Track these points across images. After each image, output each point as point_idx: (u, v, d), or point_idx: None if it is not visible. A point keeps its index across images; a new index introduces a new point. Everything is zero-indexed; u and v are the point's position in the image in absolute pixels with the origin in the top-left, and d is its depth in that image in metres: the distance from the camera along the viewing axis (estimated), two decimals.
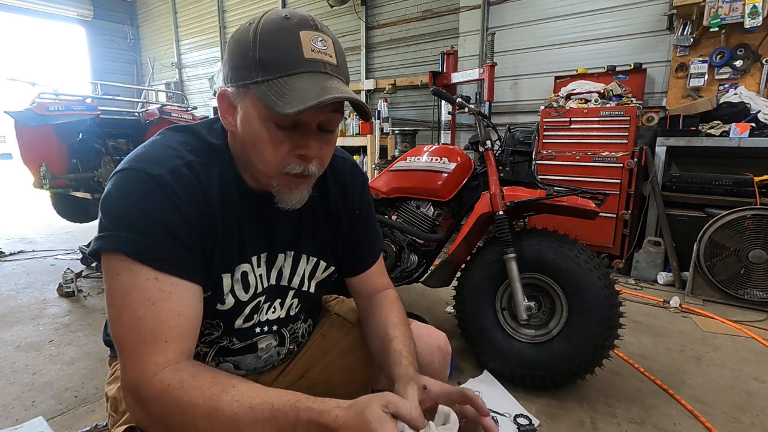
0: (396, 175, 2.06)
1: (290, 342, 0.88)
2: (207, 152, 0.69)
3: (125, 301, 0.59)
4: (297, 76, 0.60)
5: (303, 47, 0.60)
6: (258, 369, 0.86)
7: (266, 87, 0.59)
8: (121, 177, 0.62)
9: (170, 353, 0.59)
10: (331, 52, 0.62)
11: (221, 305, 0.72)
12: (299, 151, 0.64)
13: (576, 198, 1.63)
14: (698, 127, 2.87)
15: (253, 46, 0.60)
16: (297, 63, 0.60)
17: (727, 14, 2.81)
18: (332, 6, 5.21)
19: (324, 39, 0.62)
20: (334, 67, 0.62)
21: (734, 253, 2.50)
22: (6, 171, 12.40)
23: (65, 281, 2.69)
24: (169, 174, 0.62)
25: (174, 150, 0.66)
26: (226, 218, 0.68)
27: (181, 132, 0.71)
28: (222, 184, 0.68)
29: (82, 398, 1.64)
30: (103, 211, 0.61)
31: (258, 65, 0.60)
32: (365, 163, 4.65)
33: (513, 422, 1.50)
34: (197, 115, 4.42)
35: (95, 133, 3.52)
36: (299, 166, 0.65)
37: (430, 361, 0.85)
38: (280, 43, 0.60)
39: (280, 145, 0.63)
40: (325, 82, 0.60)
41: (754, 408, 1.61)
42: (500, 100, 4.19)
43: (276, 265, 0.78)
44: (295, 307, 0.84)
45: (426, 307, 2.55)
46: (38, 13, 7.66)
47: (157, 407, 0.57)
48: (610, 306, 1.54)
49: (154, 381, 0.57)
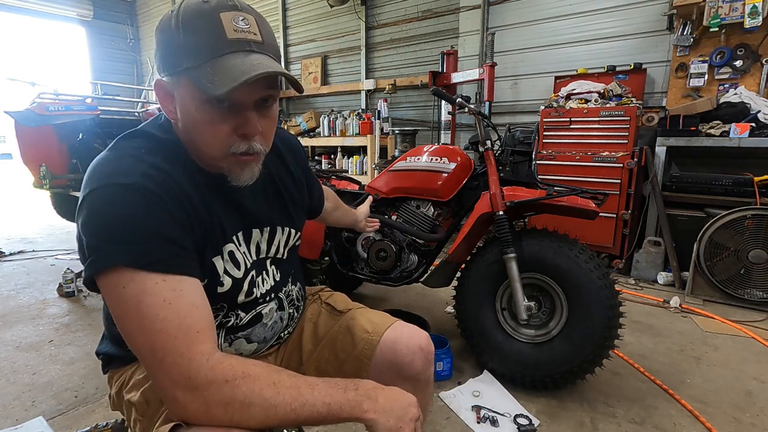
0: (396, 175, 2.06)
1: (288, 305, 0.91)
2: (163, 150, 0.69)
3: (140, 309, 0.58)
4: (224, 57, 0.61)
5: (225, 28, 0.61)
6: (267, 339, 0.88)
7: (196, 72, 0.61)
8: (95, 196, 0.60)
9: (208, 342, 0.61)
10: (255, 29, 0.64)
11: (221, 287, 0.74)
12: (240, 130, 0.66)
13: (576, 198, 1.63)
14: (698, 127, 2.87)
15: (177, 34, 0.61)
16: (221, 45, 0.61)
17: (727, 14, 2.81)
18: (332, 6, 5.21)
19: (245, 18, 0.63)
20: (259, 45, 0.64)
21: (734, 253, 2.50)
22: (6, 171, 12.40)
23: (65, 281, 2.69)
24: (141, 178, 0.61)
25: (134, 157, 0.65)
26: (204, 205, 0.69)
27: (131, 138, 0.71)
28: (188, 175, 0.69)
29: (82, 398, 1.64)
30: (88, 234, 0.60)
31: (185, 51, 0.61)
32: (365, 163, 4.65)
33: (513, 422, 1.50)
34: None
35: (95, 133, 3.51)
36: (243, 144, 0.67)
37: (411, 361, 0.86)
38: (203, 27, 0.61)
39: (219, 126, 0.65)
40: (253, 59, 0.62)
41: (754, 408, 1.61)
42: (500, 100, 4.19)
43: (253, 240, 0.81)
44: (276, 273, 0.88)
45: (426, 307, 2.55)
46: (38, 13, 7.65)
47: (221, 386, 0.58)
48: (610, 306, 1.55)
49: (212, 364, 0.59)
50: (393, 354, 0.86)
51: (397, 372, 0.86)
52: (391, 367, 0.86)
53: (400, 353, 0.86)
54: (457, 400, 1.63)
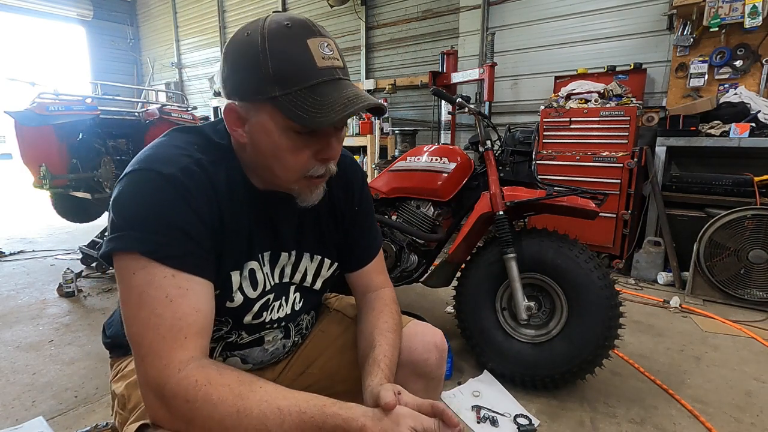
0: (396, 175, 2.06)
1: (295, 334, 0.89)
2: (214, 151, 0.69)
3: (142, 299, 0.59)
4: (316, 87, 0.61)
5: (315, 56, 0.61)
6: (264, 362, 0.87)
7: (286, 100, 0.60)
8: (133, 177, 0.62)
9: (191, 350, 0.59)
10: (337, 55, 0.64)
11: (230, 302, 0.73)
12: (322, 155, 0.66)
13: (576, 198, 1.63)
14: (698, 127, 2.87)
15: (264, 60, 0.59)
16: (313, 74, 0.61)
17: (727, 14, 2.81)
18: (332, 6, 5.21)
19: (329, 44, 0.63)
20: (343, 71, 0.64)
21: (734, 253, 2.50)
22: (6, 171, 12.39)
23: (65, 281, 2.69)
24: (180, 172, 0.62)
25: (182, 149, 0.66)
26: (235, 215, 0.69)
27: (187, 132, 0.72)
28: (230, 182, 0.69)
29: (82, 398, 1.64)
30: (115, 211, 0.61)
31: (273, 79, 0.60)
32: (365, 163, 4.65)
33: (513, 422, 1.50)
34: (197, 115, 4.41)
35: (95, 133, 3.51)
36: (321, 167, 0.68)
37: (426, 359, 0.86)
38: (292, 54, 0.60)
39: (301, 152, 0.65)
40: (344, 88, 0.62)
41: (754, 408, 1.61)
42: (500, 100, 4.19)
43: (279, 263, 0.79)
44: (298, 302, 0.85)
45: (426, 307, 2.55)
46: (38, 13, 7.65)
47: (182, 404, 0.57)
48: (610, 306, 1.54)
49: (179, 377, 0.57)
50: (408, 351, 0.85)
51: (411, 369, 0.85)
52: (406, 364, 0.85)
53: (416, 351, 0.85)
54: (457, 400, 1.63)
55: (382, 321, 0.82)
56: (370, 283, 0.90)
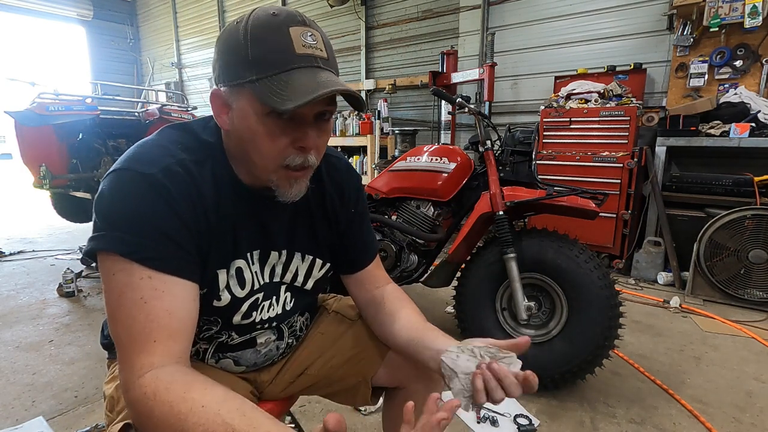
0: (396, 175, 2.06)
1: (289, 336, 0.89)
2: (200, 150, 0.69)
3: (120, 300, 0.59)
4: (292, 71, 0.61)
5: (294, 43, 0.61)
6: (258, 364, 0.86)
7: (262, 85, 0.60)
8: (114, 177, 0.62)
9: (157, 354, 0.58)
10: (321, 46, 0.64)
11: (218, 301, 0.72)
12: (298, 143, 0.65)
13: (576, 198, 1.63)
14: (698, 127, 2.87)
15: (245, 45, 0.61)
16: (290, 59, 0.61)
17: (727, 14, 2.81)
18: (332, 6, 5.21)
19: (313, 34, 0.63)
20: (325, 61, 0.64)
21: (734, 253, 2.50)
22: (6, 171, 12.40)
23: (65, 281, 2.69)
24: (161, 173, 0.62)
25: (166, 149, 0.66)
26: (220, 214, 0.69)
27: (176, 130, 0.72)
28: (216, 181, 0.68)
29: (82, 398, 1.64)
30: (97, 211, 0.62)
31: (251, 64, 0.61)
32: (365, 163, 4.65)
33: (513, 422, 1.50)
34: (197, 115, 4.42)
35: (95, 133, 3.51)
36: (299, 157, 0.66)
37: None
38: (272, 40, 0.61)
39: (278, 139, 0.64)
40: (320, 75, 0.62)
41: (754, 408, 1.61)
42: (500, 100, 4.19)
43: (269, 262, 0.79)
44: (289, 302, 0.85)
45: (426, 307, 2.55)
46: (38, 13, 7.65)
47: (138, 410, 0.57)
48: (610, 306, 1.55)
49: (136, 384, 0.56)
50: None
51: (413, 368, 0.85)
52: (406, 364, 0.85)
53: None
54: None
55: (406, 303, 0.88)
56: (376, 280, 0.91)
